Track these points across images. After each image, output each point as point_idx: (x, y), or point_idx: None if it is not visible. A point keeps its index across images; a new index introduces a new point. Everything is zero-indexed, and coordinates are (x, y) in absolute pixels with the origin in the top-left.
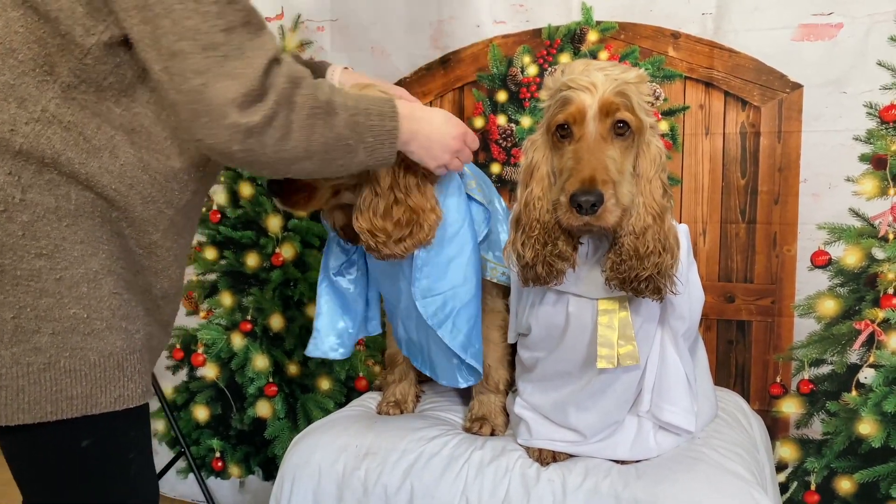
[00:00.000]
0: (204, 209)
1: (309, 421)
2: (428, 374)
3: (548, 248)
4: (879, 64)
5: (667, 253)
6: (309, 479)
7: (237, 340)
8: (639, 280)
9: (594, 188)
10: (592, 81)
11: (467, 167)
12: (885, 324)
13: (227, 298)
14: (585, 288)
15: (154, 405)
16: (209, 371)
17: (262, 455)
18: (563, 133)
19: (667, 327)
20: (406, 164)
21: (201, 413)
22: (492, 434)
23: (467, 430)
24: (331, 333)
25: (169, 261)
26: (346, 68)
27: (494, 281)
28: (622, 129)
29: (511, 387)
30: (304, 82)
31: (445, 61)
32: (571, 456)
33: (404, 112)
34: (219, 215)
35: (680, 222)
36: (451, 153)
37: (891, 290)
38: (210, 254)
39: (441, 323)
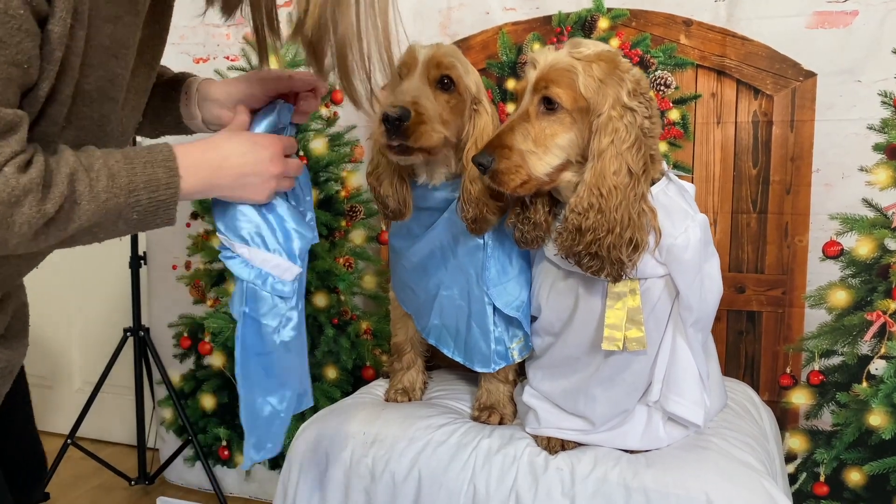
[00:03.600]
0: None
1: (315, 410)
2: (460, 361)
3: (521, 215)
4: (894, 52)
5: (610, 233)
6: (316, 465)
7: None
8: (577, 255)
9: (485, 152)
10: (538, 58)
11: None
12: None
13: (233, 287)
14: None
15: (162, 393)
16: (216, 359)
17: None
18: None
19: (678, 318)
20: None
21: (208, 401)
22: (500, 423)
23: (475, 419)
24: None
25: None
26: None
27: None
28: (550, 105)
29: (519, 377)
30: (23, 201)
31: None
32: (580, 444)
33: (189, 163)
34: None
35: None
36: (274, 178)
37: None
38: (217, 242)
39: (507, 305)
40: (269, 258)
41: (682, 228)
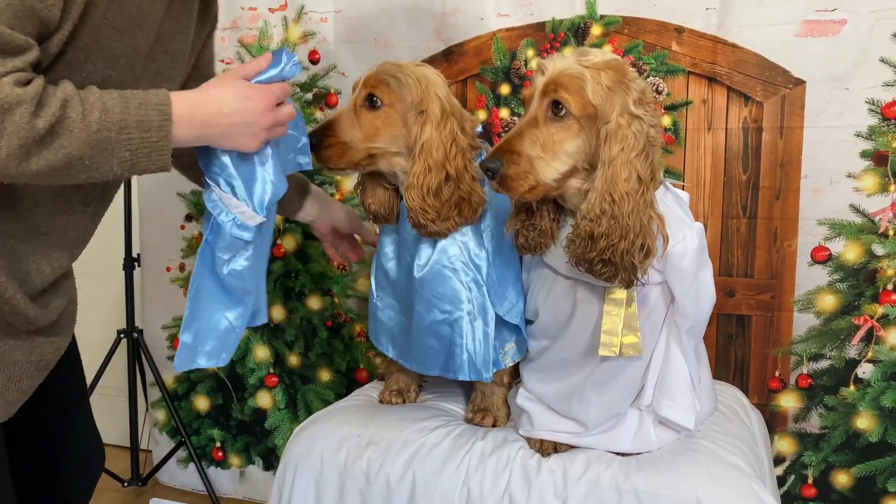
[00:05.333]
0: None
1: (309, 412)
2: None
3: (526, 221)
4: (882, 60)
5: (624, 239)
6: (311, 468)
7: None
8: (590, 262)
9: (495, 157)
10: (547, 64)
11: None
12: (884, 319)
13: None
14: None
15: (155, 395)
16: None
17: (262, 445)
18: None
19: (672, 324)
20: (454, 138)
21: (202, 403)
22: (494, 425)
23: (469, 420)
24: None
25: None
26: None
27: None
28: (559, 111)
29: (513, 380)
30: (15, 109)
31: (449, 54)
32: (573, 447)
33: (183, 112)
34: None
35: None
36: (265, 130)
37: (890, 286)
38: None
39: (508, 311)
40: (237, 205)
41: (680, 237)
